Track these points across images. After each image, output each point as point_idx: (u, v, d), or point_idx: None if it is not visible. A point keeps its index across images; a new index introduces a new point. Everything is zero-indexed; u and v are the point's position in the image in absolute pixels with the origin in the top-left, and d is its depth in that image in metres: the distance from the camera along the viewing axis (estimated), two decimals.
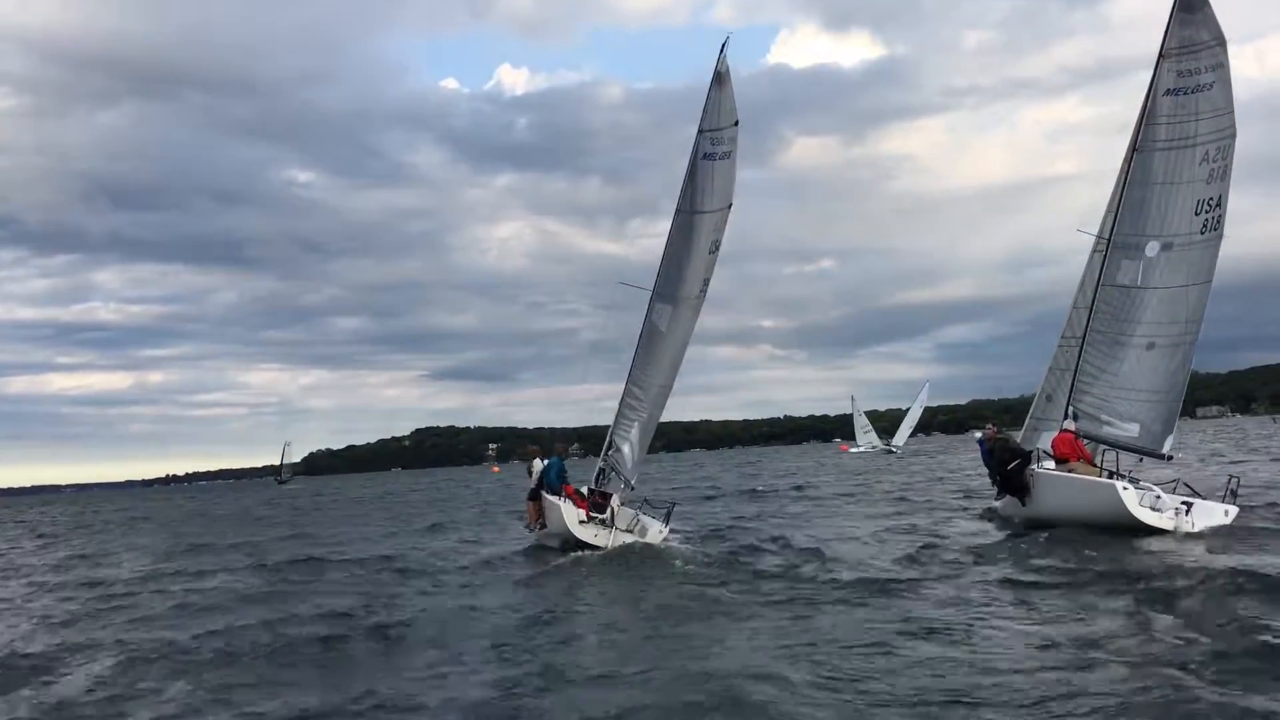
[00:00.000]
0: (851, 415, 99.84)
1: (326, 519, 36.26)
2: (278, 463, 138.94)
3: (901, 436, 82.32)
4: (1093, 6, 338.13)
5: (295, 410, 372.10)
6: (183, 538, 29.73)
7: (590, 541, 17.49)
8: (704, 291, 18.62)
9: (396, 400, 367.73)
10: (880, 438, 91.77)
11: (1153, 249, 17.01)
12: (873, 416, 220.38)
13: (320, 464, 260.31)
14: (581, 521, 17.72)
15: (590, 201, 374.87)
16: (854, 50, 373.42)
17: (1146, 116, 16.96)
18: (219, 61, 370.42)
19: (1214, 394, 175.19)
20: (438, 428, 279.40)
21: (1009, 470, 17.85)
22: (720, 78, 17.97)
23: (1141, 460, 17.19)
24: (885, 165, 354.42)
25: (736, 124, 17.93)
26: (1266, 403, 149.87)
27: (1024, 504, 17.64)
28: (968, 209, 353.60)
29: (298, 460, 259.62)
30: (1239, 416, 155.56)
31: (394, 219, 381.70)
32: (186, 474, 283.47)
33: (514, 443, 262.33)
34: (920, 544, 15.69)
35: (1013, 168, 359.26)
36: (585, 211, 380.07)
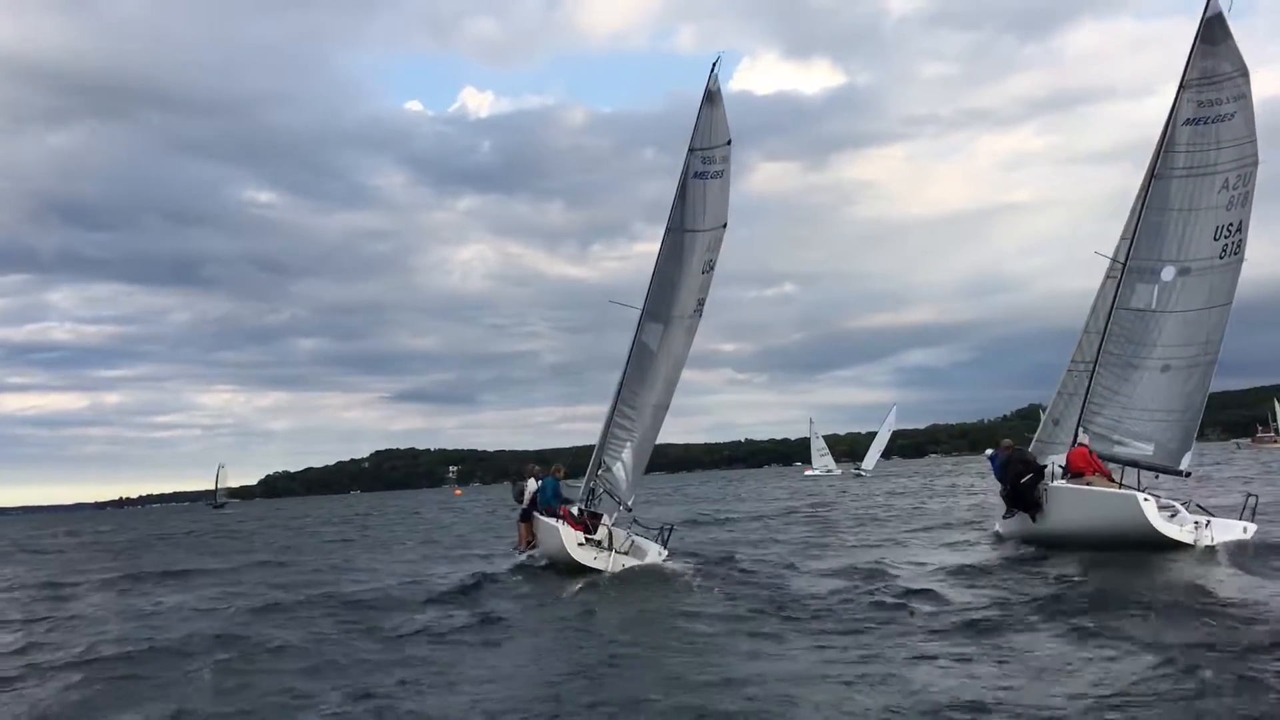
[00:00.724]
0: (809, 439, 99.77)
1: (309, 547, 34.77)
2: (214, 487, 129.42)
3: (871, 460, 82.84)
4: (1045, 41, 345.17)
5: (252, 432, 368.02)
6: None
7: (590, 565, 17.01)
8: (699, 311, 18.46)
9: (356, 422, 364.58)
10: (838, 461, 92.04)
11: (1169, 273, 17.10)
12: (834, 440, 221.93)
13: (278, 486, 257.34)
14: (580, 544, 17.30)
15: (553, 224, 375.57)
16: (815, 78, 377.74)
17: (1165, 145, 17.10)
18: (178, 81, 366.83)
19: None
20: (397, 450, 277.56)
21: (1021, 484, 17.59)
22: (711, 96, 17.91)
23: (1158, 478, 17.10)
24: (846, 191, 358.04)
25: (729, 143, 17.87)
26: (1218, 429, 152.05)
27: (1034, 520, 17.42)
28: (927, 235, 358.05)
29: (253, 483, 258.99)
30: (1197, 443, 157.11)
31: (355, 240, 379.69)
32: (140, 496, 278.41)
33: (474, 465, 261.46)
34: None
35: (970, 196, 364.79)
36: (547, 234, 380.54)
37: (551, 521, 17.94)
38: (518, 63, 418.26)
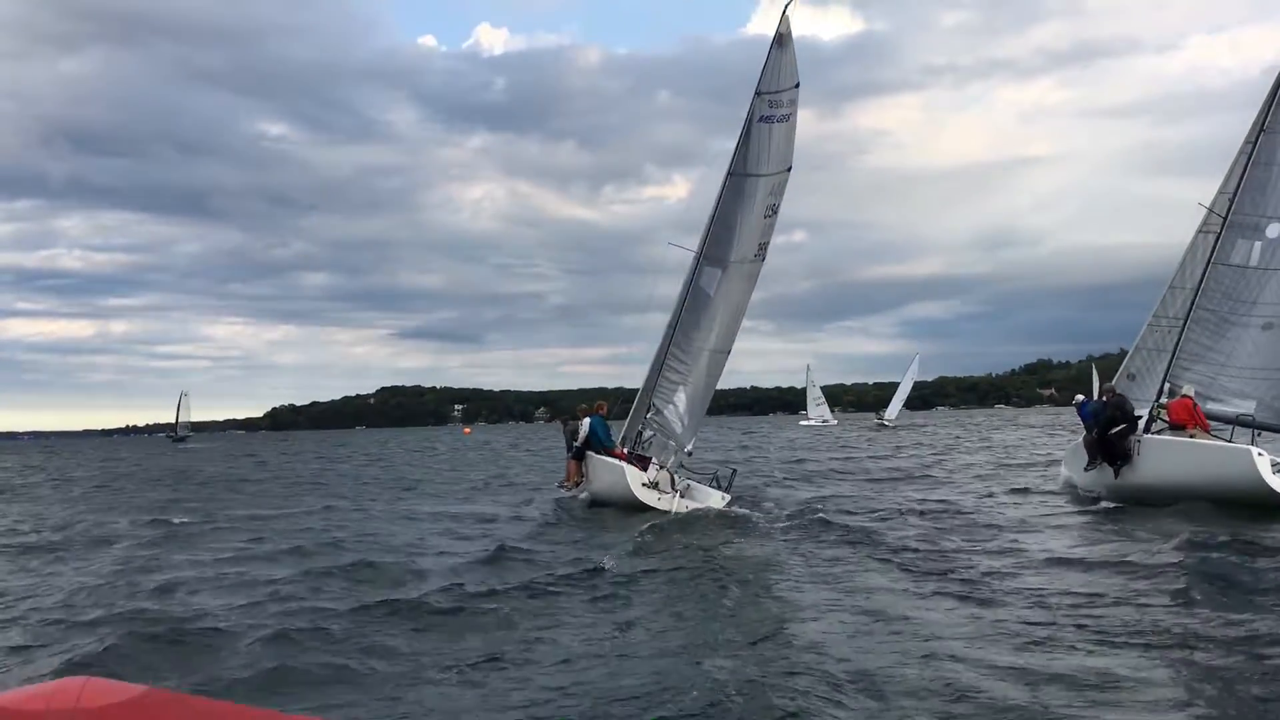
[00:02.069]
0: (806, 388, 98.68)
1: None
2: (175, 418, 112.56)
3: (894, 410, 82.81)
4: None
5: (260, 365, 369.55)
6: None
7: (654, 505, 17.06)
8: (760, 255, 18.44)
9: (363, 358, 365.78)
10: (847, 412, 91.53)
11: (1275, 230, 16.81)
12: (841, 390, 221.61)
13: (283, 419, 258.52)
14: (644, 484, 17.36)
15: (564, 165, 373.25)
16: (833, 24, 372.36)
17: (1277, 98, 16.88)
18: (191, 9, 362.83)
19: None
20: (403, 387, 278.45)
21: (1113, 434, 17.03)
22: (781, 39, 17.73)
23: (1259, 435, 16.26)
24: (860, 140, 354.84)
25: (797, 86, 17.76)
26: None
27: (1117, 475, 16.88)
28: (940, 187, 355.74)
29: (259, 415, 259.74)
30: None
31: (365, 176, 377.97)
32: (147, 425, 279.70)
33: (479, 404, 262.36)
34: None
35: (986, 147, 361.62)
36: (558, 175, 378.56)
37: (614, 461, 17.99)
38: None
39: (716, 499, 17.75)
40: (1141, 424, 17.11)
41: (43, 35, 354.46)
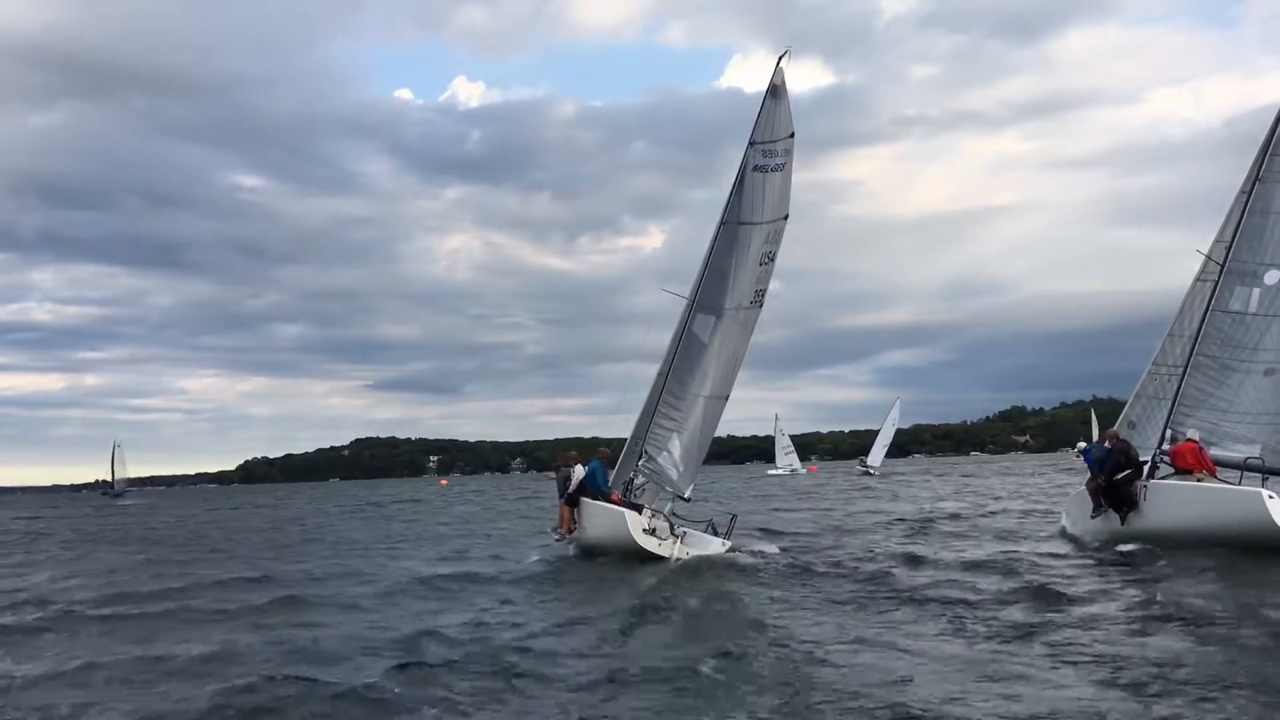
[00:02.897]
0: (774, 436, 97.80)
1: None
2: (110, 473, 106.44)
3: (877, 457, 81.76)
4: (1034, 45, 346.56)
5: (233, 417, 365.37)
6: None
7: (654, 552, 16.94)
8: (757, 302, 18.54)
9: (338, 409, 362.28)
10: (824, 460, 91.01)
11: (1272, 277, 17.03)
12: (817, 439, 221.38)
13: (257, 472, 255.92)
14: (644, 530, 17.23)
15: (540, 216, 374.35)
16: (805, 77, 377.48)
17: (1271, 148, 17.25)
18: (163, 62, 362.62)
19: None
20: (378, 438, 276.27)
21: (1118, 480, 17.00)
22: (775, 90, 18.04)
23: (1265, 480, 16.26)
24: (834, 189, 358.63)
25: (792, 135, 18.04)
26: None
27: (1124, 521, 16.82)
28: (911, 236, 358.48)
29: (232, 468, 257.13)
30: None
31: (340, 227, 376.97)
32: (117, 479, 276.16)
33: (455, 455, 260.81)
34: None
35: (955, 197, 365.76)
36: (534, 226, 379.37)
37: (612, 506, 17.82)
38: (509, 54, 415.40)
39: (716, 545, 17.68)
40: (1146, 470, 17.11)
41: (13, 88, 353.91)
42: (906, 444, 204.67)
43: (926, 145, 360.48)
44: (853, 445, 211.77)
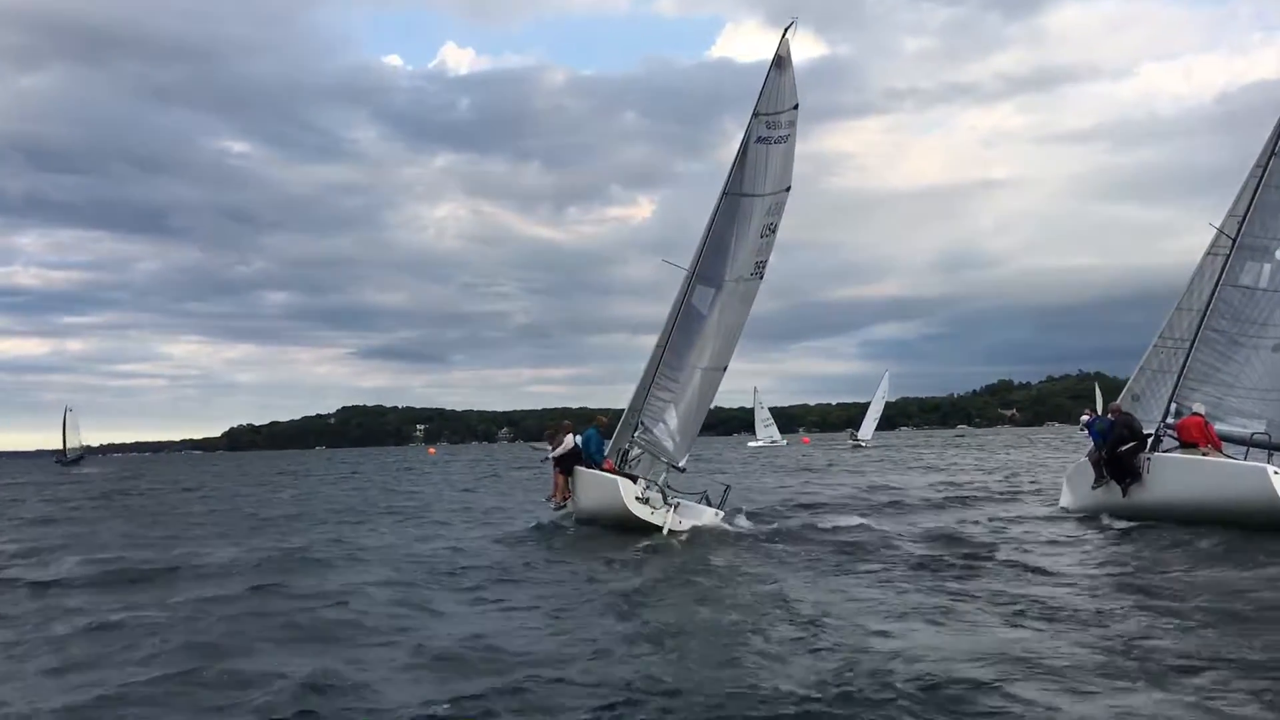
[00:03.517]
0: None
1: None
2: (61, 439, 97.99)
3: (867, 430, 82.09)
4: (1028, 19, 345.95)
5: (219, 384, 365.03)
6: None
7: (647, 520, 16.87)
8: (758, 274, 18.46)
9: (324, 377, 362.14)
10: (810, 432, 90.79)
11: None
12: (801, 410, 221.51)
13: (242, 439, 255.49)
14: (637, 499, 17.16)
15: (528, 185, 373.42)
16: (797, 48, 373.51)
17: None
18: (153, 27, 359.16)
19: None
20: (364, 406, 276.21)
21: (1121, 451, 17.00)
22: (780, 61, 17.83)
23: (1271, 457, 16.15)
24: (826, 162, 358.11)
25: (796, 107, 17.88)
26: None
27: (1125, 493, 16.90)
28: (902, 209, 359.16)
29: (217, 435, 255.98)
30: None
31: (328, 194, 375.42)
32: (102, 445, 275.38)
33: (441, 424, 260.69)
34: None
35: (948, 170, 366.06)
36: (523, 195, 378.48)
37: (606, 474, 17.77)
38: (500, 21, 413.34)
39: (709, 515, 17.67)
40: (1149, 443, 17.13)
41: (1, 50, 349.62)
42: (893, 416, 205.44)
43: (919, 118, 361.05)
44: (840, 417, 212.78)
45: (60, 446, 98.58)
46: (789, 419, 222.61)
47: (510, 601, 10.84)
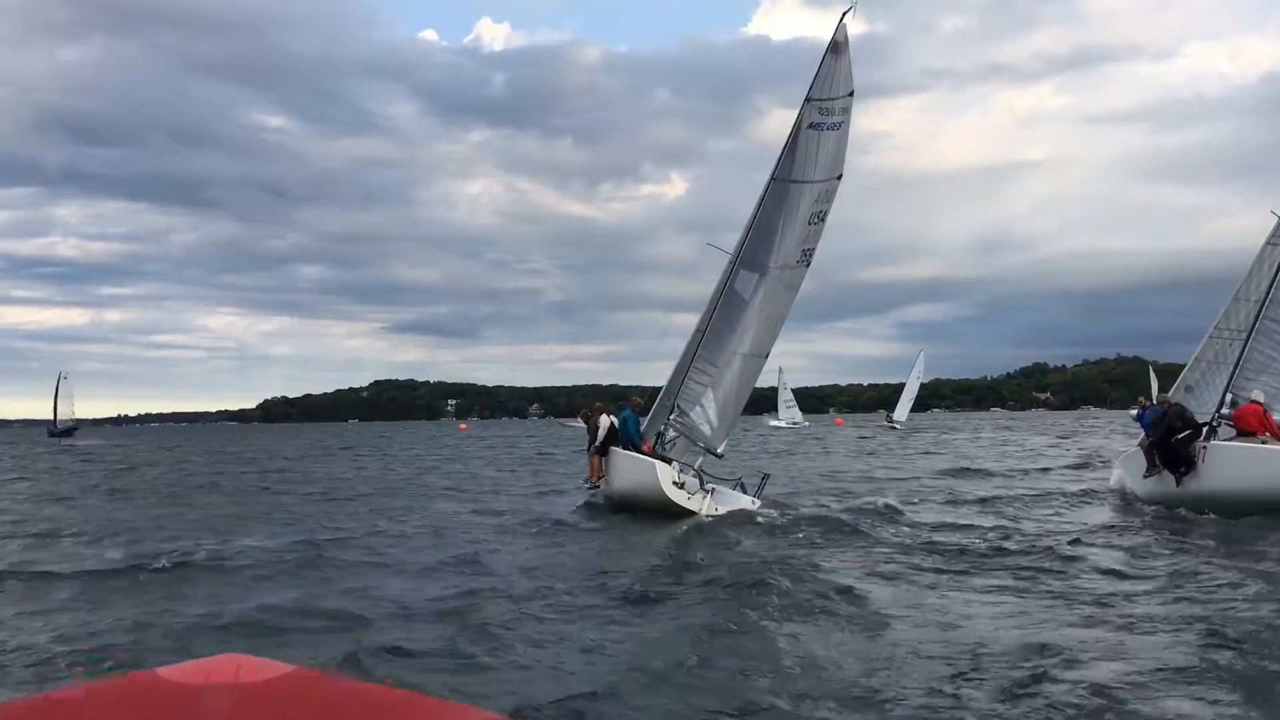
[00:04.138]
0: (778, 388, 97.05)
1: None
2: (52, 409, 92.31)
3: (902, 411, 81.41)
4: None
5: (254, 356, 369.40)
6: None
7: (684, 505, 16.72)
8: (804, 261, 18.24)
9: (357, 351, 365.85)
10: (796, 415, 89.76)
11: None
12: (833, 390, 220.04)
13: (276, 411, 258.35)
14: (675, 483, 16.97)
15: (562, 162, 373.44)
16: (833, 25, 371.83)
17: None
18: (191, 1, 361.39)
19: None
20: (396, 380, 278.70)
21: (1176, 440, 16.69)
22: (837, 46, 17.40)
23: None
24: (860, 141, 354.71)
25: (851, 94, 17.55)
26: None
27: (1179, 483, 16.58)
28: (938, 190, 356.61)
29: (252, 406, 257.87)
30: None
31: (362, 169, 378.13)
32: (139, 415, 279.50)
33: (473, 399, 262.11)
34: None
35: (984, 151, 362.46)
36: (556, 171, 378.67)
37: (643, 457, 17.56)
38: None
39: (746, 503, 17.52)
40: (1205, 432, 16.88)
41: (42, 23, 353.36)
42: (926, 398, 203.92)
43: (955, 97, 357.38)
44: (872, 398, 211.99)
45: (51, 416, 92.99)
46: (820, 399, 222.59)
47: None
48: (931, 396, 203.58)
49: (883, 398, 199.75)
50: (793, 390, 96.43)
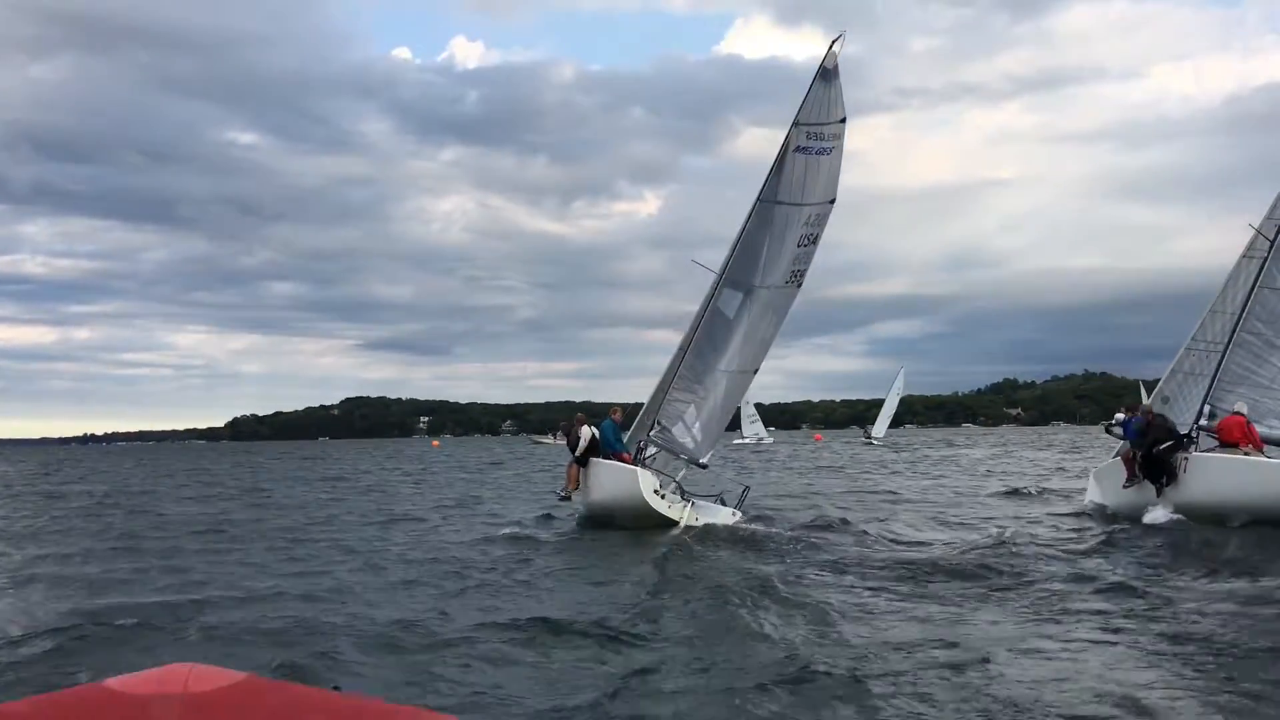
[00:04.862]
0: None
1: None
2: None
3: (881, 427, 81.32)
4: (1036, 19, 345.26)
5: (223, 374, 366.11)
6: None
7: (664, 514, 16.64)
8: (795, 281, 18.44)
9: (328, 368, 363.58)
10: (760, 431, 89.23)
11: None
12: (805, 406, 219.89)
13: (246, 429, 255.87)
14: (655, 492, 16.90)
15: (535, 179, 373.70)
16: (805, 45, 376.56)
17: None
18: (164, 18, 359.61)
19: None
20: (368, 398, 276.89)
21: (1160, 450, 16.68)
22: (826, 73, 17.59)
23: None
24: None
25: (843, 120, 17.71)
26: None
27: (1159, 493, 16.61)
28: (909, 207, 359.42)
29: (220, 425, 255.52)
30: None
31: (335, 186, 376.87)
32: (106, 434, 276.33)
33: (445, 416, 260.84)
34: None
35: (954, 169, 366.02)
36: (529, 189, 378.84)
37: (623, 465, 17.46)
38: (509, 15, 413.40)
39: (725, 514, 17.57)
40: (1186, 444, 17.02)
41: (12, 40, 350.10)
42: (899, 414, 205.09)
43: (926, 116, 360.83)
44: (844, 414, 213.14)
45: None
46: (793, 415, 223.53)
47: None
48: (904, 413, 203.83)
49: (855, 414, 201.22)
50: (767, 406, 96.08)
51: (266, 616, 9.85)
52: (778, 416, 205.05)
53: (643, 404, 19.85)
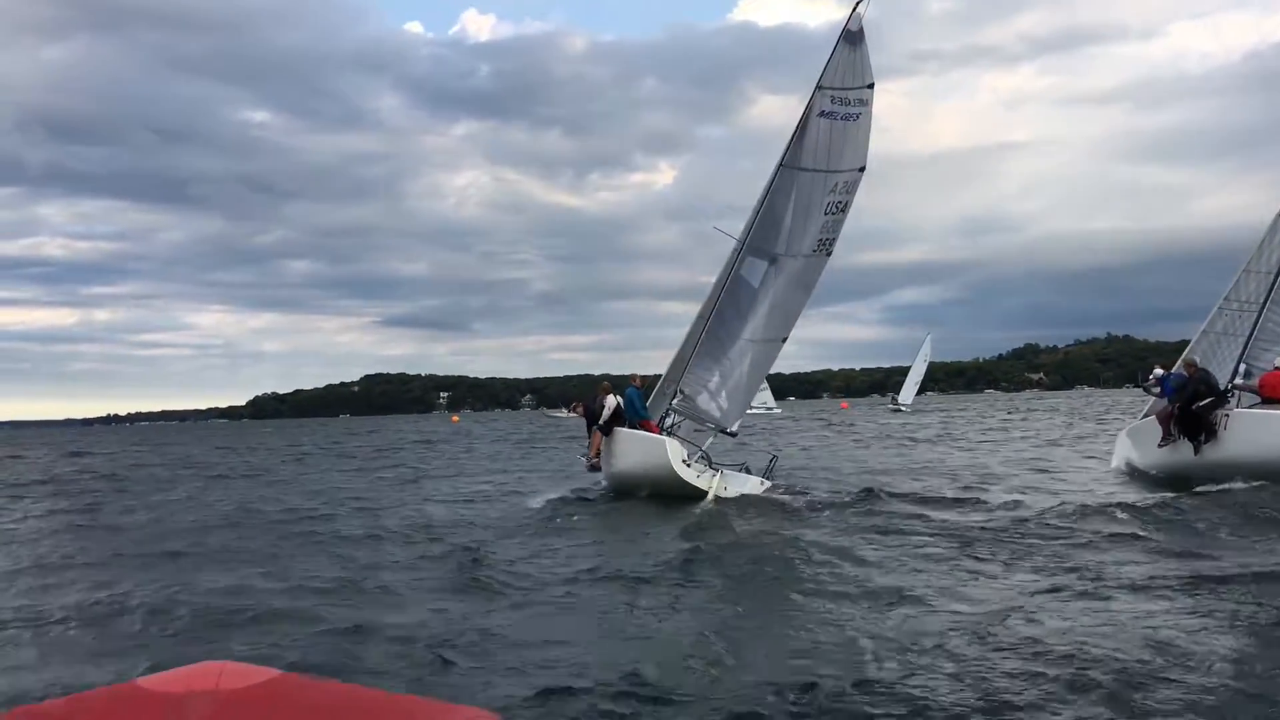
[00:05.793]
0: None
1: None
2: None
3: (908, 394, 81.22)
4: None
5: (243, 353, 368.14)
6: None
7: (693, 484, 16.44)
8: (824, 250, 18.15)
9: (348, 346, 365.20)
10: (769, 400, 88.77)
11: None
12: (825, 374, 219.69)
13: (266, 407, 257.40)
14: (684, 461, 16.70)
15: (549, 152, 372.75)
16: (819, 10, 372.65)
17: None
18: None
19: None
20: (387, 374, 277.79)
21: (1200, 407, 16.23)
22: (851, 36, 17.17)
23: None
24: None
25: (871, 86, 17.32)
26: None
27: (1197, 451, 16.18)
28: (925, 173, 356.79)
29: (242, 403, 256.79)
30: None
31: (349, 163, 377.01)
32: (129, 414, 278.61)
33: (464, 391, 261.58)
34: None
35: (970, 134, 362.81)
36: (544, 162, 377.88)
37: (651, 435, 17.25)
38: None
39: (754, 483, 17.44)
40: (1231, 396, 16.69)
41: (26, 22, 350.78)
42: (920, 381, 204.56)
43: (941, 80, 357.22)
44: (864, 382, 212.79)
45: None
46: (814, 384, 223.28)
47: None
48: (926, 380, 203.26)
49: (874, 382, 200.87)
50: (786, 375, 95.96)
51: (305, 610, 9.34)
52: (798, 385, 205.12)
53: (660, 375, 19.75)
